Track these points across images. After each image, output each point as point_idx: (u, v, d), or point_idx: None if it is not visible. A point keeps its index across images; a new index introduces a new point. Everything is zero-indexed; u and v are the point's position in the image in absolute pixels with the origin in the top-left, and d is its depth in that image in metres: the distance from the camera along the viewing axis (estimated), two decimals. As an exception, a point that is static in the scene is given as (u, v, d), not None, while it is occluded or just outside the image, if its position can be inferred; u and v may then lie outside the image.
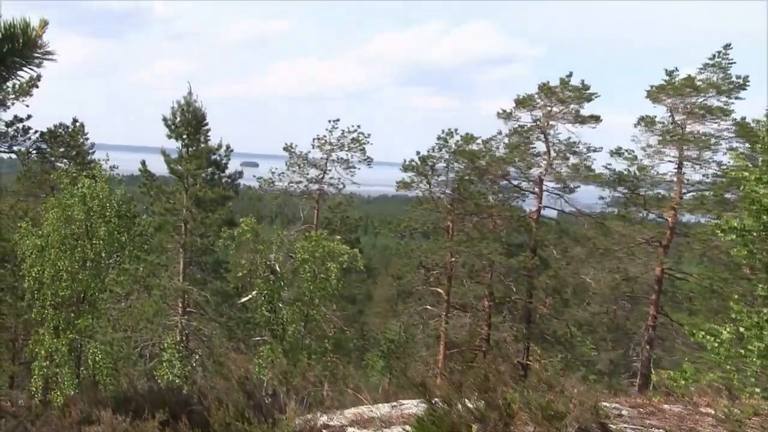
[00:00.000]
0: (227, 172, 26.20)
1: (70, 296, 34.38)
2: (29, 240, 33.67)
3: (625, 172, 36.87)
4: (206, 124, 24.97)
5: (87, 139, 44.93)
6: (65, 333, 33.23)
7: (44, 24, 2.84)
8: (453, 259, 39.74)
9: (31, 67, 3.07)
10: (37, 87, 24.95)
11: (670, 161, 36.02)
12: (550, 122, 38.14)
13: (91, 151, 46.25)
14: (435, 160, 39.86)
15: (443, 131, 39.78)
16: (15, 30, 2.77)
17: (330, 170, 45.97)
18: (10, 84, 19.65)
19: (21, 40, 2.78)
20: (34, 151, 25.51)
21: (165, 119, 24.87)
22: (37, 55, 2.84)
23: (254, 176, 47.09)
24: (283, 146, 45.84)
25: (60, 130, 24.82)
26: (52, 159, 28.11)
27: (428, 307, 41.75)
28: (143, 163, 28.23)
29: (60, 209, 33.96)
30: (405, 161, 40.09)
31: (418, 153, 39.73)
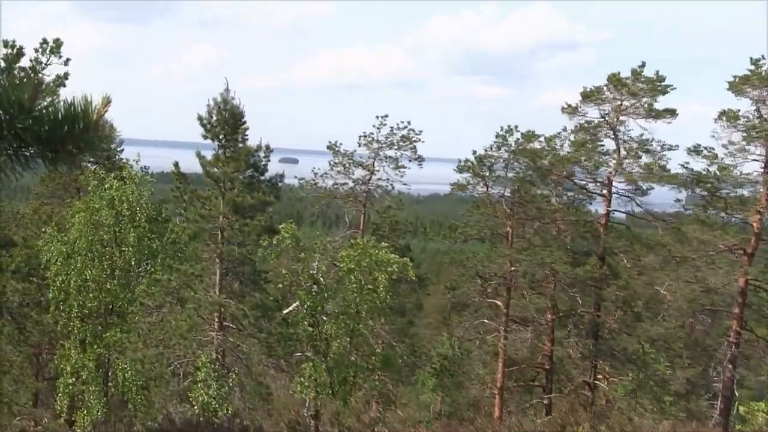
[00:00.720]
0: (267, 174, 26.00)
1: (97, 307, 34.48)
2: (54, 247, 33.82)
3: (705, 172, 36.02)
4: (244, 123, 24.80)
5: (118, 136, 45.08)
6: (92, 347, 33.32)
7: (107, 102, 2.72)
8: (513, 269, 39.22)
9: (95, 152, 2.86)
10: (64, 86, 25.02)
11: (755, 160, 35.12)
12: (620, 117, 37.42)
13: (119, 149, 46.59)
14: (493, 160, 39.43)
15: (501, 128, 39.35)
16: (75, 109, 2.61)
17: (378, 170, 45.78)
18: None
19: (82, 123, 2.61)
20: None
21: (200, 118, 24.76)
22: (100, 137, 2.69)
23: (295, 176, 47.03)
24: (327, 145, 45.72)
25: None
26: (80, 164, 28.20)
27: (485, 320, 41.38)
28: (176, 165, 28.18)
29: (87, 213, 34.06)
30: (460, 162, 39.71)
31: (474, 152, 39.40)
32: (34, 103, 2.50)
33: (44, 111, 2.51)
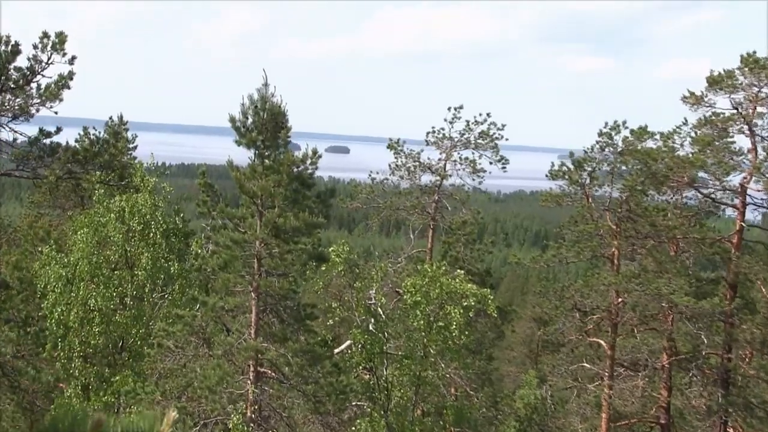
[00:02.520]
0: (314, 189, 25.47)
1: (104, 345, 34.30)
2: (52, 270, 33.67)
3: None
4: (286, 125, 24.26)
5: (131, 140, 45.15)
6: (98, 394, 33.10)
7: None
8: (620, 300, 38.78)
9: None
10: (68, 88, 24.83)
11: None
12: (758, 108, 36.65)
13: (132, 145, 46.55)
14: (595, 164, 38.76)
15: (606, 125, 38.76)
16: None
17: (450, 175, 45.28)
18: (34, 85, 19.15)
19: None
20: (66, 176, 25.30)
21: (233, 120, 24.36)
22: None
23: (348, 179, 46.98)
24: (388, 143, 45.57)
25: (97, 147, 24.46)
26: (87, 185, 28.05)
27: (585, 364, 40.81)
28: (203, 174, 27.76)
29: (91, 229, 33.89)
30: (552, 166, 39.08)
31: (571, 155, 38.76)
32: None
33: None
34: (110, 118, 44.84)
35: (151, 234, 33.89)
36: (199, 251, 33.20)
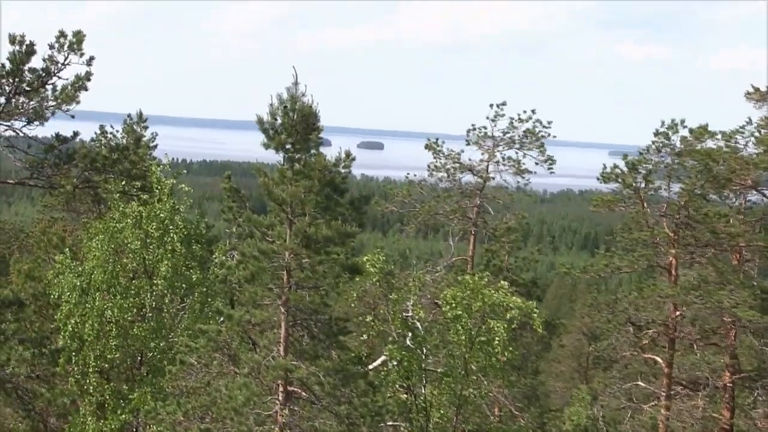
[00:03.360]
0: (348, 195, 25.59)
1: (121, 359, 34.70)
2: (66, 279, 34.11)
3: None
4: (318, 127, 24.42)
5: (152, 138, 45.71)
6: (114, 413, 33.50)
7: None
8: (677, 314, 38.65)
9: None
10: (86, 90, 24.99)
11: None
12: (832, 104, 36.56)
13: (152, 144, 47.04)
14: (651, 166, 38.63)
15: (663, 123, 38.66)
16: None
17: (493, 177, 45.26)
18: (49, 87, 19.47)
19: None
20: (83, 185, 25.56)
21: (260, 121, 24.47)
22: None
23: (382, 177, 47.29)
24: (426, 143, 45.54)
25: (116, 154, 24.75)
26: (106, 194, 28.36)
27: (640, 382, 40.58)
28: (228, 178, 28.04)
29: (107, 236, 34.30)
30: (604, 168, 39.02)
31: (625, 157, 38.60)
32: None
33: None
34: (128, 115, 45.31)
35: (171, 238, 34.28)
36: (224, 259, 33.51)
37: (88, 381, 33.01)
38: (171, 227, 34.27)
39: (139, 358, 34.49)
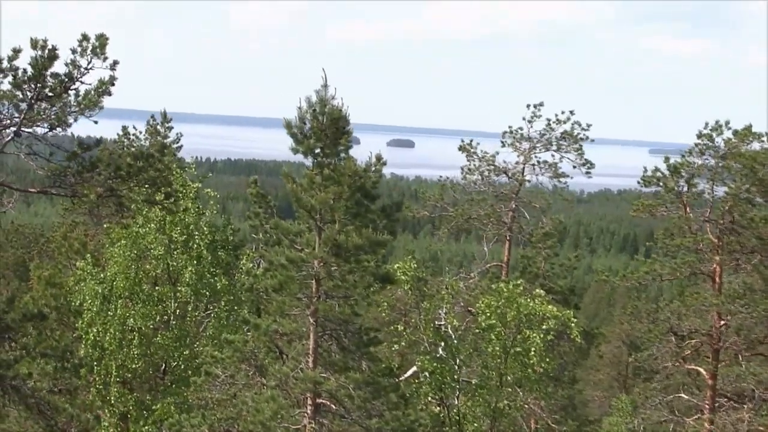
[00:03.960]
0: (379, 202, 25.31)
1: (144, 369, 34.57)
2: (87, 287, 33.99)
3: None
4: (348, 131, 24.14)
5: (177, 140, 45.65)
6: (137, 424, 33.38)
7: None
8: (722, 323, 38.25)
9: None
10: (109, 95, 24.77)
11: None
12: None
13: (177, 145, 46.89)
14: (693, 170, 38.21)
15: (706, 125, 38.25)
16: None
17: (529, 180, 44.99)
18: (72, 92, 19.15)
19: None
20: (107, 194, 25.21)
21: (288, 125, 24.28)
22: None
23: (413, 177, 47.18)
24: (460, 144, 45.39)
25: (141, 162, 24.39)
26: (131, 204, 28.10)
27: (682, 394, 40.31)
28: (255, 183, 27.90)
29: (129, 241, 34.15)
30: (645, 171, 38.63)
31: (666, 160, 38.23)
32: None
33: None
34: (152, 117, 45.25)
35: (195, 246, 34.12)
36: (251, 266, 33.30)
37: (110, 391, 32.93)
38: (196, 233, 34.16)
39: (163, 367, 34.38)
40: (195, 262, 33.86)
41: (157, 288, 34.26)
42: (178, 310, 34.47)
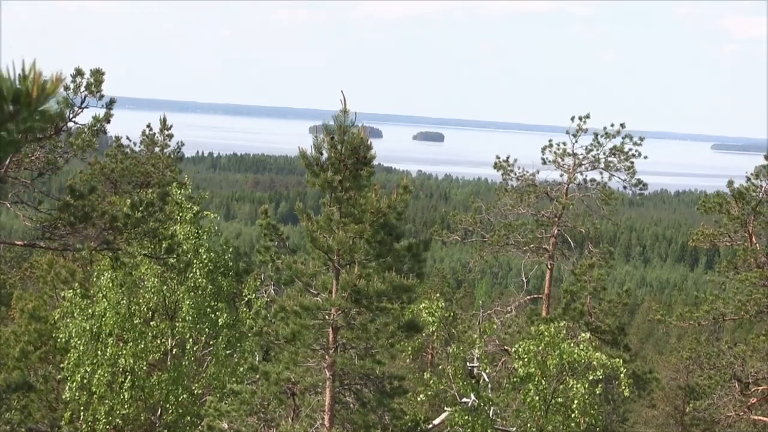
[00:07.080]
0: (404, 241, 24.84)
1: (135, 416, 34.36)
2: (74, 323, 33.73)
3: None
4: (370, 161, 23.70)
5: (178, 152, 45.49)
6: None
7: (58, 80, 3.08)
8: None
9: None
10: (105, 133, 24.66)
11: None
12: None
13: (178, 153, 46.69)
14: (761, 195, 37.75)
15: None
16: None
17: (572, 203, 44.47)
18: (63, 134, 18.95)
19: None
20: (101, 247, 24.99)
21: (304, 155, 23.97)
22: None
23: (443, 175, 46.92)
24: (495, 162, 44.86)
25: (139, 213, 24.11)
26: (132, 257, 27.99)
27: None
28: (265, 212, 27.52)
29: (120, 271, 33.83)
30: (706, 196, 38.19)
31: (730, 184, 37.77)
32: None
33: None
34: (148, 125, 44.85)
35: (193, 273, 33.76)
36: (259, 305, 32.96)
37: (97, 441, 32.61)
38: (194, 261, 33.79)
39: (159, 413, 34.09)
40: (192, 293, 33.52)
41: (151, 323, 33.98)
42: (174, 348, 34.20)
